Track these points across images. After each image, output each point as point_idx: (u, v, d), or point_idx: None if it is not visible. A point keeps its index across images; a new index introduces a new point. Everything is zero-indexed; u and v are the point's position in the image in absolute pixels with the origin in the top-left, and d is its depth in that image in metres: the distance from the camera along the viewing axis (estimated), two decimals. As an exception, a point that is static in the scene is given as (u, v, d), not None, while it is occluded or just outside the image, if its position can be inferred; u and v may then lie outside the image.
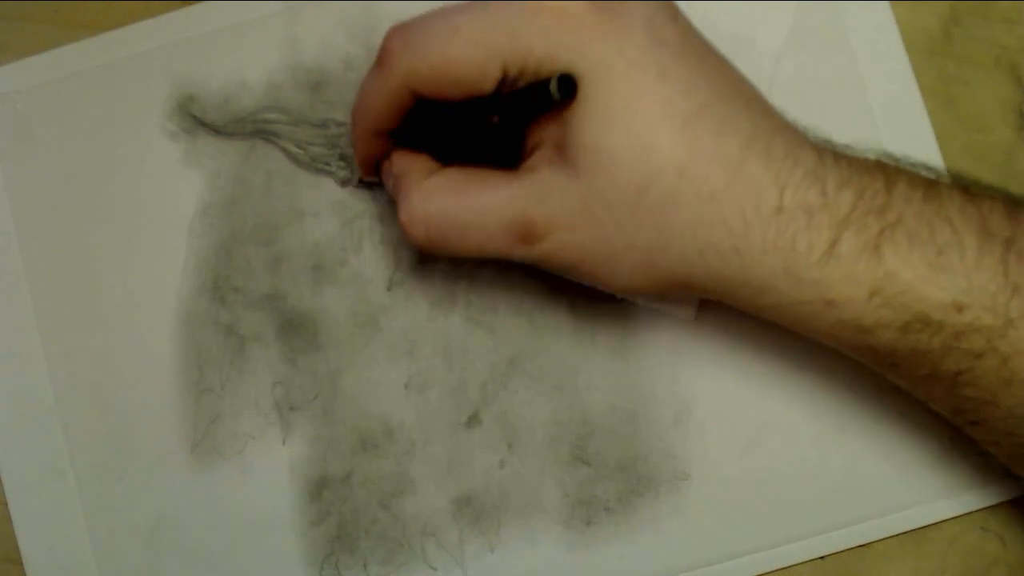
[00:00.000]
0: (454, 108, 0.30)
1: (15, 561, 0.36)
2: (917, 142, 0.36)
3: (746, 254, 0.28)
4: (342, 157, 0.37)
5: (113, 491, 0.36)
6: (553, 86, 0.27)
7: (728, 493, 0.35)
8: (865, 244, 0.27)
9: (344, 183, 0.37)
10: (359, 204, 0.37)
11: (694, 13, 0.30)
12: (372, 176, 0.35)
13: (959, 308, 0.27)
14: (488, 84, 0.29)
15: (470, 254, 0.31)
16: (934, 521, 0.35)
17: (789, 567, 0.35)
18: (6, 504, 0.37)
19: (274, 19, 0.37)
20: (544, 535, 0.36)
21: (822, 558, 0.35)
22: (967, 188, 0.29)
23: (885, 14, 0.36)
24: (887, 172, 0.28)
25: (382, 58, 0.30)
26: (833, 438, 0.35)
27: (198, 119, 0.37)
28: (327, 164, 0.37)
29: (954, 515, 0.35)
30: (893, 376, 0.30)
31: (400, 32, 0.30)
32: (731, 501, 0.35)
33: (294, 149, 0.37)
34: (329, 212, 0.37)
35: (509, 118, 0.30)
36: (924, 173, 0.29)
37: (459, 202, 0.30)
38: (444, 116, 0.31)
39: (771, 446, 0.35)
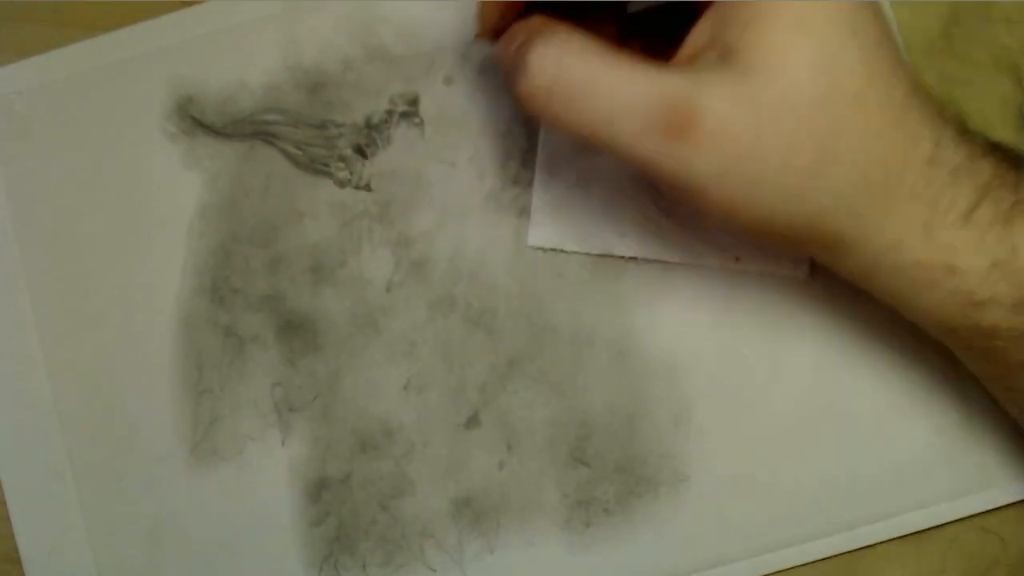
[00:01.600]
0: None
1: (14, 561, 0.36)
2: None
3: (894, 197, 0.27)
4: (341, 158, 0.37)
5: (112, 492, 0.36)
6: None
7: (727, 495, 0.35)
8: (999, 215, 0.27)
9: (343, 184, 0.37)
10: (358, 205, 0.37)
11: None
12: (494, 26, 0.30)
13: None
14: None
15: (585, 130, 0.28)
16: (935, 524, 0.35)
17: (788, 569, 0.35)
18: (5, 504, 0.37)
19: (273, 20, 0.37)
20: (543, 536, 0.36)
21: (823, 559, 0.35)
22: None
23: (886, 14, 0.36)
24: (1010, 154, 0.29)
25: None
26: (832, 442, 0.35)
27: (197, 120, 0.37)
28: (326, 165, 0.37)
29: (954, 518, 0.35)
30: (982, 362, 0.30)
31: None
32: (730, 503, 0.35)
33: (293, 150, 0.37)
34: (328, 213, 0.37)
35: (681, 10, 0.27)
36: None
37: (603, 65, 0.27)
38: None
39: (770, 449, 0.35)
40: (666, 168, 0.27)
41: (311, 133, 0.37)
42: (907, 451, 0.35)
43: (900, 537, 0.35)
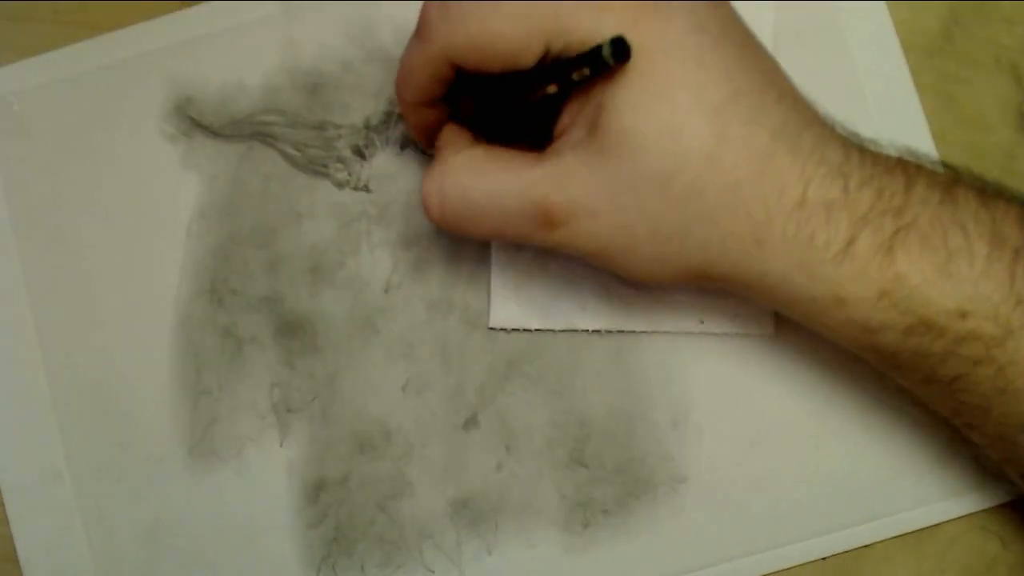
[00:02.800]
0: (495, 82, 0.30)
1: (13, 561, 0.36)
2: (914, 143, 0.36)
3: (766, 245, 0.28)
4: (340, 159, 0.37)
5: (110, 493, 0.36)
6: (607, 51, 0.27)
7: (726, 496, 0.35)
8: (879, 245, 0.27)
9: (341, 185, 0.37)
10: (357, 206, 0.37)
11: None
12: (429, 145, 0.34)
13: (963, 315, 0.27)
14: (529, 59, 0.28)
15: (488, 236, 0.31)
16: (934, 523, 0.35)
17: (787, 569, 0.35)
18: (3, 505, 0.37)
19: (272, 21, 0.37)
20: (541, 537, 0.36)
21: (822, 559, 0.35)
22: (983, 189, 0.29)
23: (882, 15, 0.36)
24: (908, 171, 0.28)
25: (421, 28, 0.30)
26: (831, 441, 0.35)
27: (196, 121, 0.37)
28: (325, 166, 0.37)
29: (954, 517, 0.35)
30: (895, 376, 0.31)
31: (439, 2, 0.29)
32: (729, 504, 0.35)
33: (292, 151, 0.37)
34: (327, 214, 0.37)
35: (552, 92, 0.29)
36: (942, 170, 0.29)
37: (478, 183, 0.30)
38: (485, 89, 0.31)
39: (769, 448, 0.35)
40: (557, 248, 0.30)
41: (310, 134, 0.37)
42: (904, 449, 0.35)
43: (899, 537, 0.35)
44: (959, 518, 0.35)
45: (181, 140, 0.37)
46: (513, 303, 0.36)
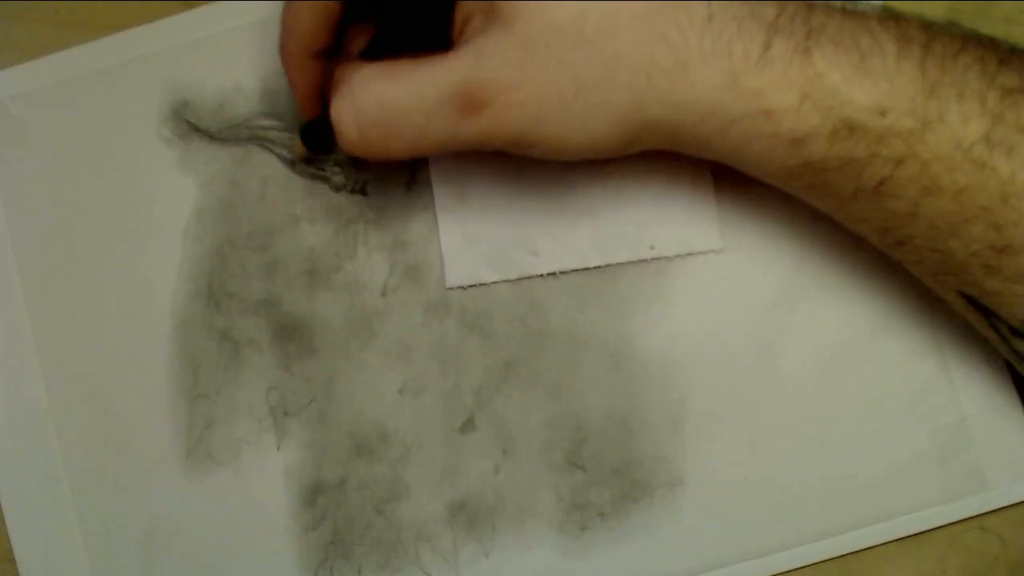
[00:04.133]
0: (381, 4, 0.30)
1: (11, 561, 0.36)
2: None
3: (688, 67, 0.28)
4: (336, 163, 0.37)
5: (108, 497, 0.36)
6: None
7: (723, 499, 0.35)
8: (796, 47, 0.28)
9: (338, 189, 0.37)
10: (353, 209, 0.37)
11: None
12: (318, 110, 0.33)
13: (881, 111, 0.28)
14: None
15: (411, 146, 0.30)
16: (932, 527, 0.35)
17: (784, 573, 0.35)
18: (0, 509, 0.37)
19: (269, 25, 0.37)
20: (538, 540, 0.36)
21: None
22: (884, 9, 0.29)
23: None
24: None
25: None
26: (829, 445, 0.35)
27: (192, 125, 0.37)
28: (321, 170, 0.37)
29: (953, 520, 0.35)
30: (825, 199, 0.31)
31: None
32: (726, 507, 0.35)
33: (288, 155, 0.37)
34: (323, 218, 0.37)
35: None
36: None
37: (392, 86, 0.29)
38: (372, 14, 0.31)
39: (766, 452, 0.35)
40: (488, 137, 0.29)
41: (307, 137, 0.37)
42: (903, 453, 0.35)
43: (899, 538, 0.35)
44: (958, 520, 0.35)
45: (178, 144, 0.37)
46: (465, 260, 0.36)
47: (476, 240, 0.36)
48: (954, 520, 0.35)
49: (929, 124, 0.28)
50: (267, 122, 0.37)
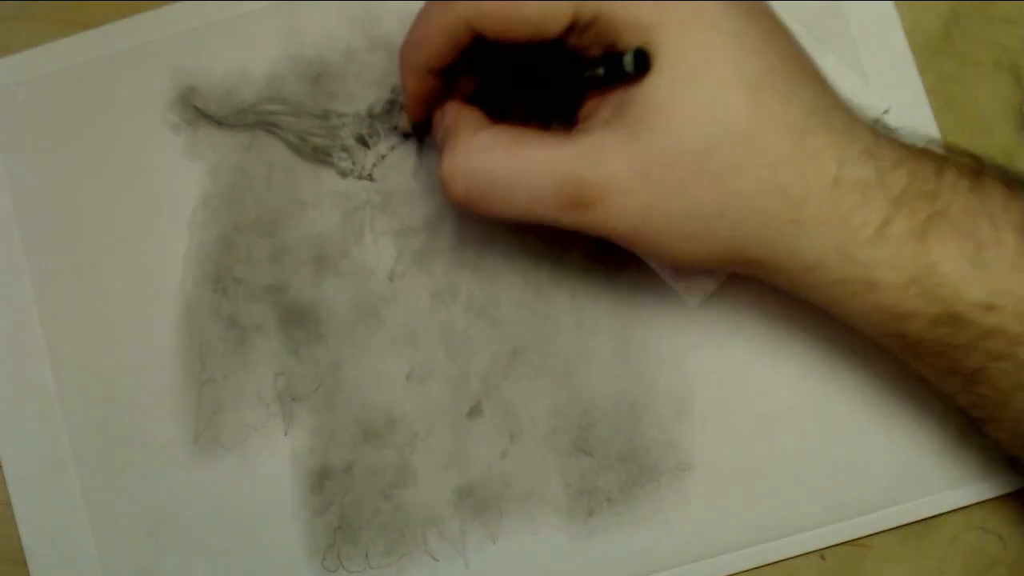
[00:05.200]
0: (513, 53, 0.29)
1: (19, 562, 0.36)
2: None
3: (803, 224, 0.28)
4: (343, 148, 0.37)
5: (115, 482, 0.36)
6: (628, 60, 0.26)
7: (730, 484, 0.35)
8: (913, 229, 0.27)
9: (345, 174, 0.37)
10: (361, 195, 0.37)
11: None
12: (420, 117, 0.33)
13: (989, 308, 0.27)
14: (556, 27, 0.28)
15: (513, 216, 0.30)
16: (936, 513, 0.35)
17: (790, 559, 0.35)
18: (9, 504, 0.37)
19: (275, 10, 0.37)
20: (546, 525, 0.36)
21: (823, 558, 0.35)
22: (1008, 179, 0.29)
23: (889, 13, 0.36)
24: (936, 159, 0.28)
25: None
26: (836, 430, 0.35)
27: (199, 110, 0.37)
28: (328, 155, 0.37)
29: (956, 507, 0.35)
30: (916, 364, 0.30)
31: None
32: (733, 492, 0.35)
33: (295, 140, 0.37)
34: (330, 203, 0.37)
35: (573, 77, 0.29)
36: (967, 159, 0.29)
37: (507, 160, 0.29)
38: (501, 62, 0.30)
39: (773, 438, 0.35)
40: (588, 229, 0.29)
41: (313, 123, 0.37)
42: (908, 439, 0.35)
43: (900, 537, 0.35)
44: (959, 518, 0.35)
45: (185, 129, 0.37)
46: (692, 274, 0.35)
47: None
48: (958, 507, 0.35)
49: None
50: (274, 107, 0.37)
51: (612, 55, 0.27)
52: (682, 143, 0.27)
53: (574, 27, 0.28)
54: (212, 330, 0.37)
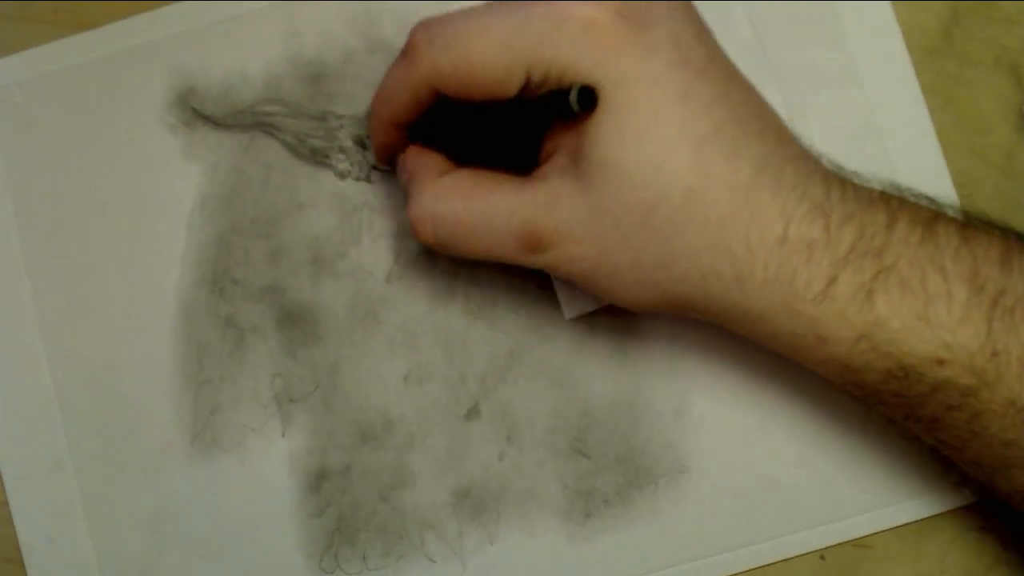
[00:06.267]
0: (473, 108, 0.30)
1: (16, 562, 0.36)
2: (919, 143, 0.36)
3: (747, 282, 0.28)
4: (341, 149, 0.37)
5: (113, 483, 0.36)
6: (573, 97, 0.27)
7: (727, 486, 0.35)
8: (859, 287, 0.28)
9: (343, 175, 0.37)
10: (358, 196, 0.37)
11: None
12: (386, 165, 0.35)
13: (940, 362, 0.27)
14: (511, 87, 0.29)
15: (478, 257, 0.31)
16: (934, 513, 0.35)
17: (788, 559, 0.35)
18: (6, 504, 0.37)
19: (274, 11, 0.37)
20: (543, 527, 0.36)
21: (822, 558, 0.35)
22: (966, 223, 0.29)
23: (886, 14, 0.36)
24: (890, 207, 0.28)
25: (407, 52, 0.30)
26: (833, 431, 0.35)
27: (197, 111, 0.37)
28: (326, 156, 0.37)
29: (954, 507, 0.35)
30: (878, 410, 0.31)
31: (426, 28, 0.30)
32: (730, 494, 0.35)
33: (293, 141, 0.37)
34: (328, 204, 0.37)
35: (527, 124, 0.30)
36: (925, 204, 0.29)
37: (468, 205, 0.30)
38: (463, 115, 0.31)
39: (771, 439, 0.35)
40: (549, 271, 0.31)
41: (312, 124, 0.37)
42: (906, 441, 0.35)
43: (900, 537, 0.35)
44: (959, 518, 0.35)
45: (183, 130, 0.37)
46: (577, 289, 0.35)
47: None
48: (960, 505, 0.35)
49: (987, 384, 0.27)
50: (272, 108, 0.37)
51: (557, 92, 0.28)
52: (628, 198, 0.28)
53: (527, 85, 0.29)
54: (209, 331, 0.37)
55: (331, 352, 0.36)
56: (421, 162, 0.32)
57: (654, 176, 0.28)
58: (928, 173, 0.36)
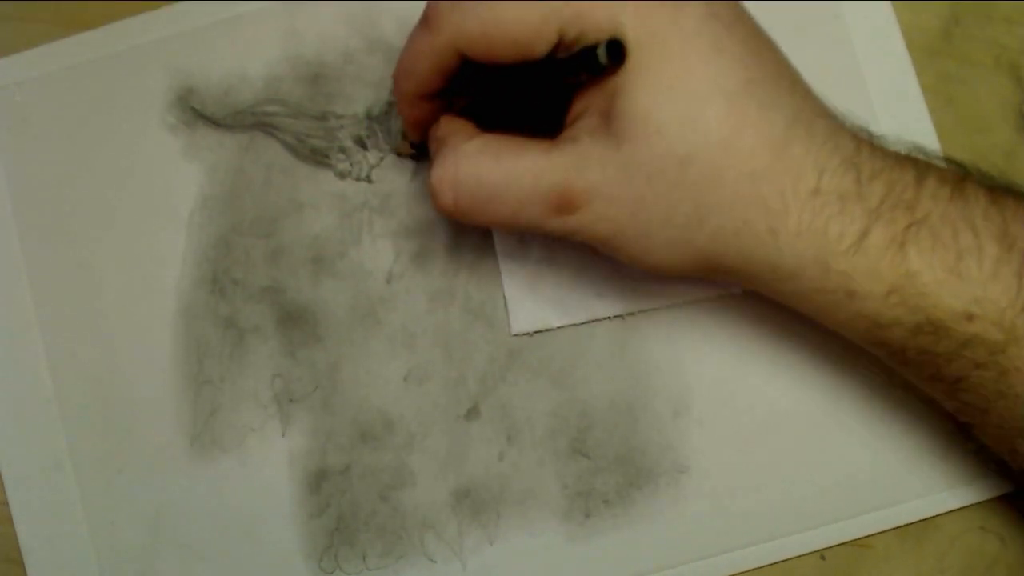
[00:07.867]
0: (498, 73, 0.30)
1: (16, 562, 0.36)
2: (920, 142, 0.36)
3: (781, 235, 0.28)
4: (341, 149, 0.37)
5: (113, 484, 0.36)
6: (602, 51, 0.27)
7: (727, 486, 0.35)
8: (892, 239, 0.27)
9: (343, 175, 0.37)
10: (358, 196, 0.37)
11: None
12: (420, 138, 0.34)
13: (969, 317, 0.27)
14: (542, 47, 0.28)
15: (500, 223, 0.30)
16: (934, 514, 0.35)
17: (788, 560, 0.35)
18: (6, 505, 0.37)
19: (274, 11, 0.37)
20: (543, 527, 0.36)
21: (822, 558, 0.35)
22: (992, 186, 0.29)
23: (886, 13, 0.36)
24: (918, 166, 0.28)
25: (429, 17, 0.29)
26: (832, 432, 0.35)
27: (198, 112, 0.37)
28: (326, 156, 0.37)
29: (954, 508, 0.35)
30: (902, 371, 0.30)
31: None
32: (730, 494, 0.35)
33: (293, 141, 0.37)
34: (328, 204, 0.37)
35: (556, 84, 0.29)
36: (951, 167, 0.29)
37: (494, 168, 0.30)
38: (487, 81, 0.31)
39: (770, 439, 0.35)
40: (571, 234, 0.30)
41: (312, 124, 0.37)
42: (905, 440, 0.35)
43: (900, 537, 0.35)
44: (959, 518, 0.35)
45: (183, 131, 0.37)
46: (530, 305, 0.36)
47: (539, 286, 0.36)
48: (956, 507, 0.35)
49: (1016, 339, 0.27)
50: (272, 108, 0.37)
51: (586, 50, 0.27)
52: (662, 153, 0.28)
53: (560, 44, 0.28)
54: (210, 331, 0.37)
55: (331, 352, 0.36)
56: (450, 129, 0.32)
57: (689, 129, 0.27)
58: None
